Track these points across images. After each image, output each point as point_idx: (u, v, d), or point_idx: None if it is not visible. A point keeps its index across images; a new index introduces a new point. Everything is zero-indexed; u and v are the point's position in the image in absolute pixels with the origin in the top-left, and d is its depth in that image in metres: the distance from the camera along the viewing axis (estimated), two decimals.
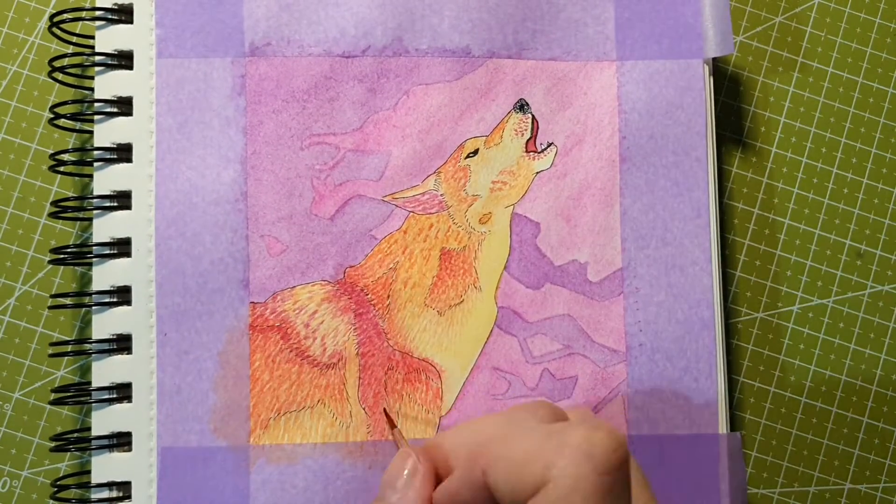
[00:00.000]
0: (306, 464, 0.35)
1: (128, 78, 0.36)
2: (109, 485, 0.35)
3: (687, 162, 0.37)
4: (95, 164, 0.36)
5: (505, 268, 0.37)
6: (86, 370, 0.37)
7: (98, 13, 0.36)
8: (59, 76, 0.37)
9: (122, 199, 0.36)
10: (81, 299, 0.36)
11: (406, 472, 0.30)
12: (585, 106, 0.38)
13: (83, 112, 0.38)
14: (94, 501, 0.35)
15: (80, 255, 0.36)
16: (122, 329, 0.35)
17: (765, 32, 0.41)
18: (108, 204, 0.36)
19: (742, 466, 0.36)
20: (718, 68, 0.41)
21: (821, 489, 0.39)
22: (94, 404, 0.35)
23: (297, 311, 0.36)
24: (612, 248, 0.37)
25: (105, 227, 0.36)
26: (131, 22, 0.36)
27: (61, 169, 0.37)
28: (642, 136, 0.37)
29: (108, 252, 0.36)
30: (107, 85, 0.36)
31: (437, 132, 0.37)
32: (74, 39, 0.37)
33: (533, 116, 0.38)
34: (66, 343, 0.36)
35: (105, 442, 0.35)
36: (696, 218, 0.37)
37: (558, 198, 0.37)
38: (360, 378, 0.36)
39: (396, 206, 0.37)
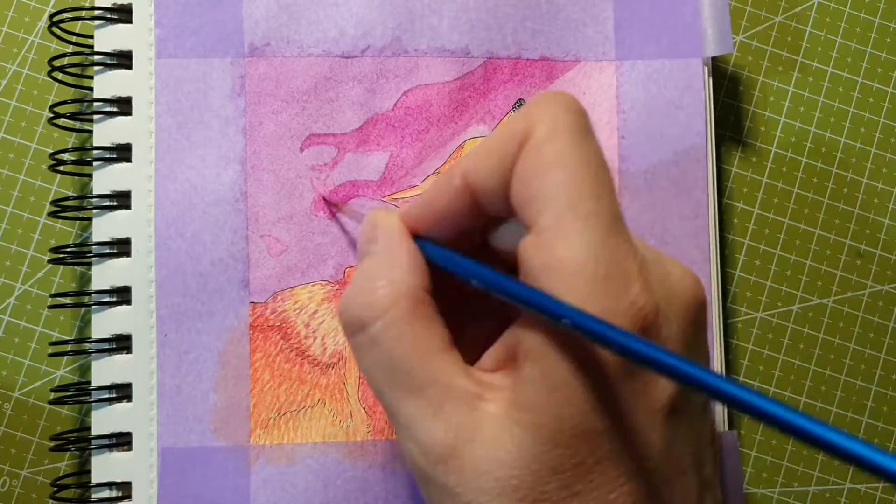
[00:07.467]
0: (306, 463, 0.35)
1: (127, 78, 0.36)
2: (109, 485, 0.35)
3: (686, 161, 0.37)
4: (95, 164, 0.36)
5: None
6: (85, 370, 0.37)
7: (97, 13, 0.36)
8: (59, 76, 0.37)
9: (122, 199, 0.36)
10: (81, 299, 0.36)
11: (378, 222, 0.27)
12: (585, 105, 0.38)
13: (82, 112, 0.38)
14: (94, 501, 0.35)
15: (79, 255, 0.36)
16: (121, 329, 0.35)
17: (764, 32, 0.41)
18: (107, 204, 0.36)
19: (739, 465, 0.36)
20: (718, 68, 0.41)
21: (821, 489, 0.39)
22: (93, 404, 0.35)
23: (297, 311, 0.36)
24: None
25: (104, 227, 0.36)
26: (130, 22, 0.36)
27: (61, 168, 0.37)
28: (641, 135, 0.37)
29: (107, 252, 0.36)
30: (106, 85, 0.36)
31: (436, 132, 0.37)
32: (74, 39, 0.37)
33: None
34: (65, 343, 0.36)
35: (105, 442, 0.35)
36: (695, 218, 0.37)
37: None
38: (360, 378, 0.36)
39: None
